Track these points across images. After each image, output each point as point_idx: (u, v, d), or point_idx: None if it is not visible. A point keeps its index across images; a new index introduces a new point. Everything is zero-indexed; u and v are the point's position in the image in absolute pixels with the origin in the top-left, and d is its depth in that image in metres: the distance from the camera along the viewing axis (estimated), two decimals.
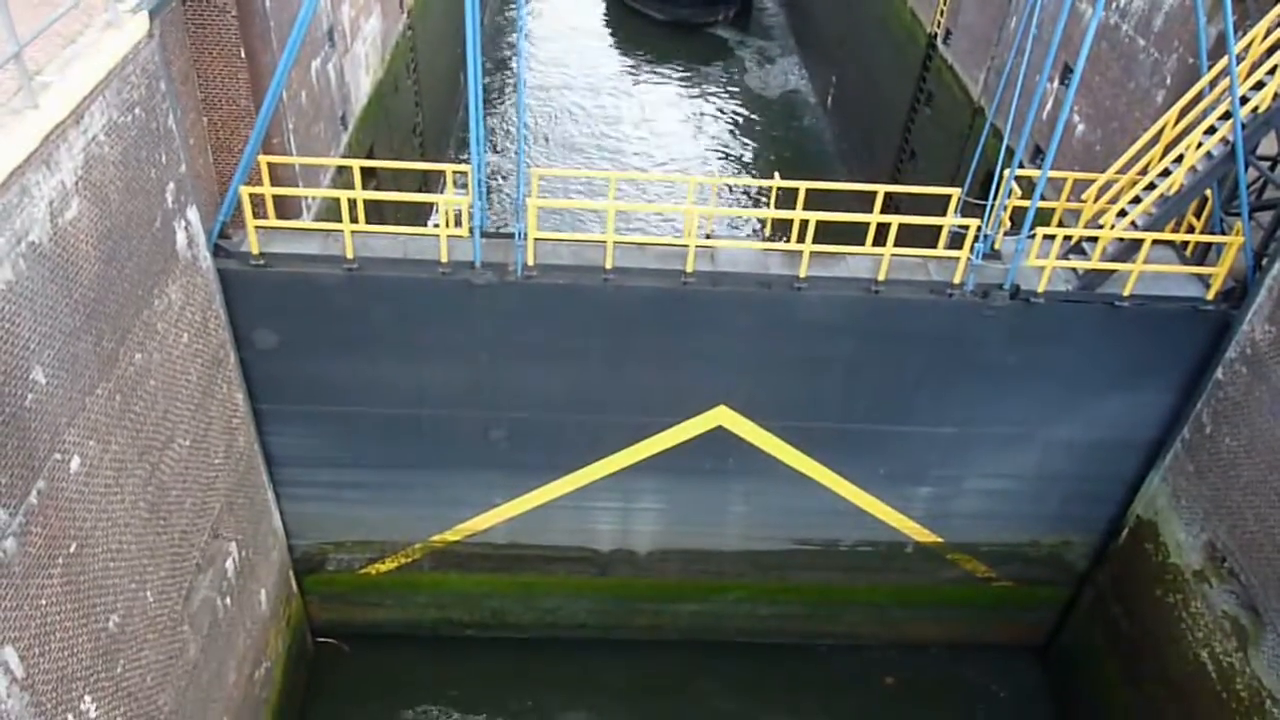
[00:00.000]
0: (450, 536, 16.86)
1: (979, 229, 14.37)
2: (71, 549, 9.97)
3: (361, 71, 20.27)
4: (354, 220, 14.41)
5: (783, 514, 16.67)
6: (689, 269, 14.05)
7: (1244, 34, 15.05)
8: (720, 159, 33.06)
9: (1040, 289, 14.33)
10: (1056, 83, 19.40)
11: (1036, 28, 19.25)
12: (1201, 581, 15.09)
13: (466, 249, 14.15)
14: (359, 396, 14.85)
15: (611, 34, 42.14)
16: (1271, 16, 14.29)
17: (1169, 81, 16.49)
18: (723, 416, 15.40)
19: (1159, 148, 15.02)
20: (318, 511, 16.33)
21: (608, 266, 14.01)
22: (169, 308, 11.91)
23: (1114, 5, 17.98)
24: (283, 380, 14.55)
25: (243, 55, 14.01)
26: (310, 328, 14.12)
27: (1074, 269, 14.76)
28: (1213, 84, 14.82)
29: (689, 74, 38.64)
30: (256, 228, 13.67)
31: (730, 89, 37.55)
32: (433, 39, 27.26)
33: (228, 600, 13.78)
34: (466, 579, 17.52)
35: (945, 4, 25.03)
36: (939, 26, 25.48)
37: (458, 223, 14.32)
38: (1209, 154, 14.20)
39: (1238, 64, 13.85)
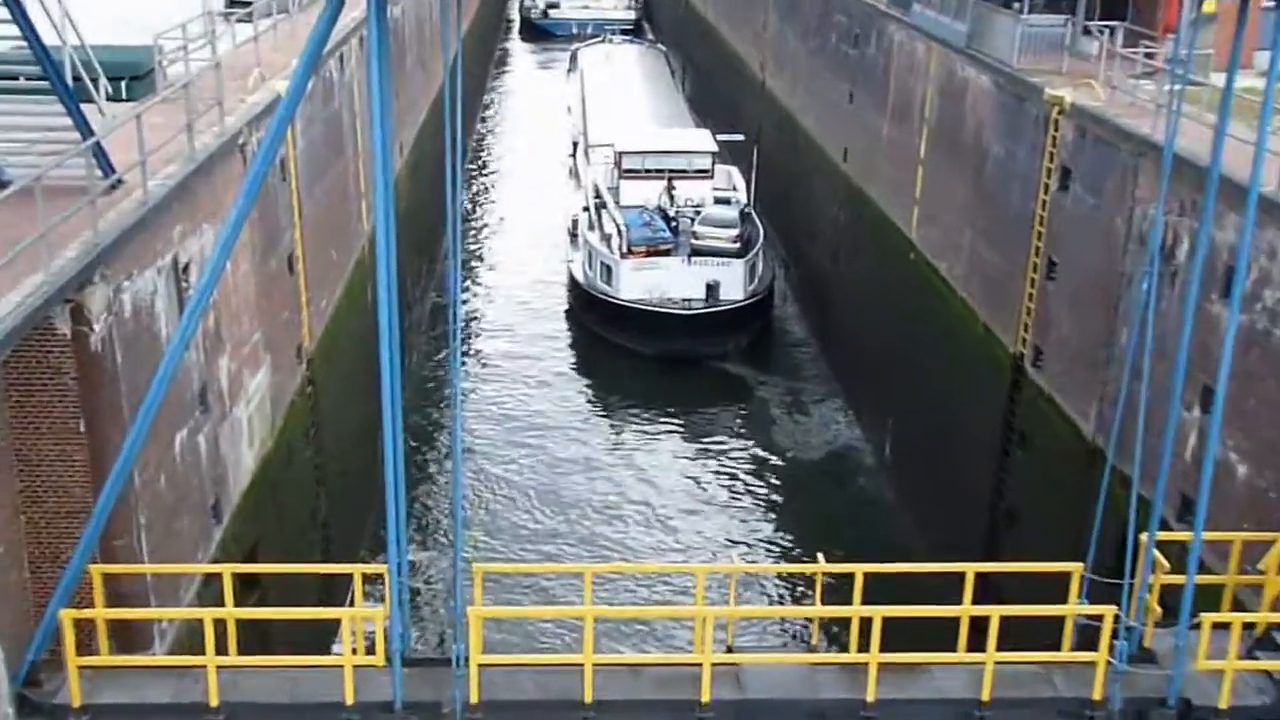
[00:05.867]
0: None
1: (1118, 619, 14.56)
2: None
3: (243, 443, 21.21)
4: (222, 650, 14.58)
5: None
6: (704, 698, 14.04)
7: None
8: (741, 541, 33.62)
9: (1222, 703, 14.30)
10: (1197, 410, 20.39)
11: (1156, 341, 20.51)
12: None
13: (383, 684, 14.15)
14: None
15: (582, 375, 44.30)
16: None
17: None
18: None
19: None
20: None
21: (587, 700, 14.00)
22: None
23: (1258, 306, 19.39)
24: None
25: (82, 429, 14.85)
26: None
27: (1267, 671, 14.79)
28: None
29: (692, 427, 40.04)
30: (81, 668, 13.76)
31: (751, 446, 38.83)
32: (340, 395, 28.62)
33: None
34: None
35: (1030, 316, 26.85)
36: (1024, 345, 27.15)
37: (370, 648, 14.53)
38: None
39: None
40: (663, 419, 40.68)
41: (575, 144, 63.66)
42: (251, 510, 21.27)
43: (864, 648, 14.42)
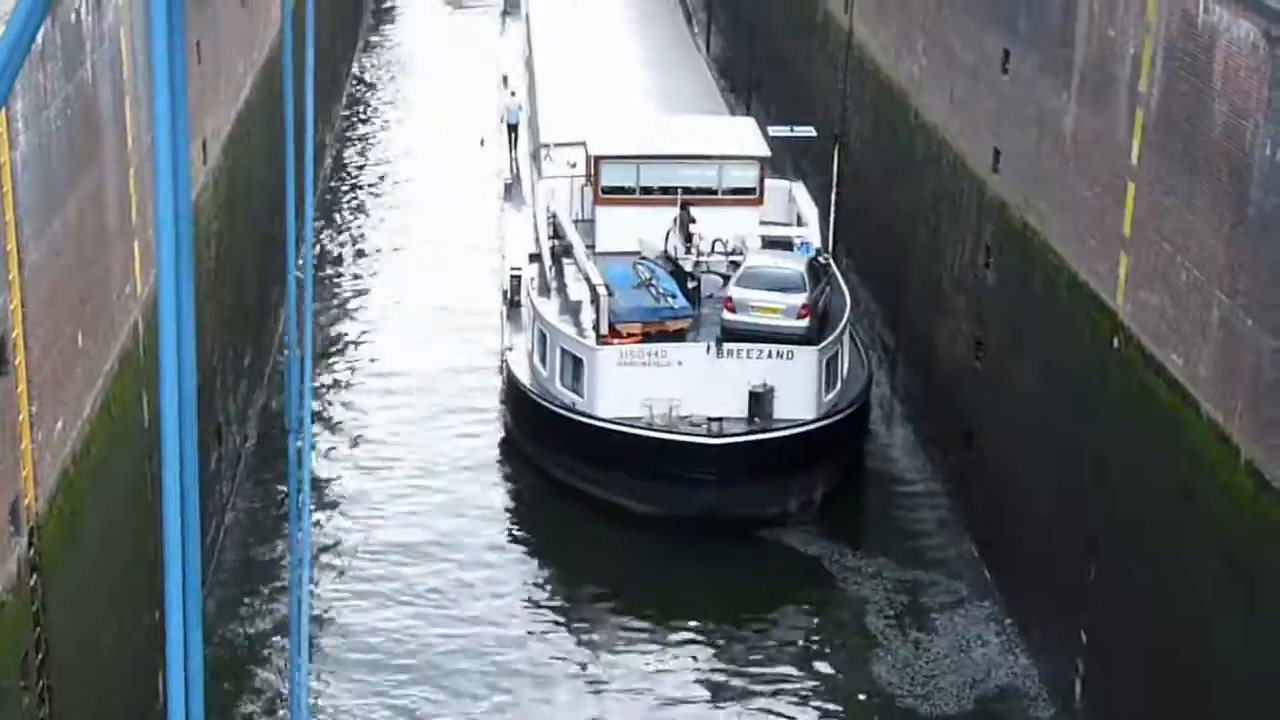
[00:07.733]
0: None
1: None
2: None
3: None
4: None
5: None
6: None
7: None
8: None
9: None
10: None
11: None
12: None
13: None
14: None
15: (528, 556, 43.96)
16: None
17: None
18: None
19: None
20: None
21: None
22: None
23: None
24: None
25: None
26: None
27: None
28: None
29: (725, 649, 39.89)
30: None
31: (831, 687, 38.63)
32: (93, 595, 28.02)
33: None
34: None
35: None
36: None
37: None
38: None
39: None
40: (674, 635, 40.60)
41: (512, 134, 63.91)
42: None
43: None
